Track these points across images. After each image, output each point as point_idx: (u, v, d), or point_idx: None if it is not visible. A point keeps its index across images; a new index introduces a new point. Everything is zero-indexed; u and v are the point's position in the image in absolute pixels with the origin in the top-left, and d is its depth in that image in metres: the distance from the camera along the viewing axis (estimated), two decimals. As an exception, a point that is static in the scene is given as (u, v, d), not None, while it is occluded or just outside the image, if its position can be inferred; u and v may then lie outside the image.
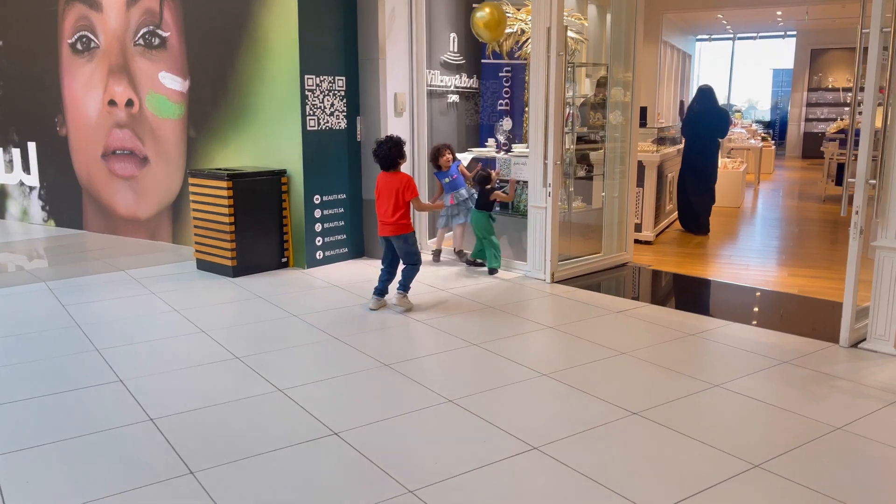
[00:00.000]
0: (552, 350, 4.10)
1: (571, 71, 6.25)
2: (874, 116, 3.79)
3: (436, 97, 6.72)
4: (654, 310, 4.84)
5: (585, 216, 6.38)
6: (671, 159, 7.83)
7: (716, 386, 3.46)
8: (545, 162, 5.39)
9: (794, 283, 5.56)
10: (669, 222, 8.07)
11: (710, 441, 2.88)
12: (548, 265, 5.51)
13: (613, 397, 3.31)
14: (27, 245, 7.12)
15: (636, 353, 3.93)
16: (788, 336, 4.19)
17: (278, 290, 5.25)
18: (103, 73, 7.11)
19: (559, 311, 4.87)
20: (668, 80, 15.71)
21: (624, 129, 6.25)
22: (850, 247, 3.94)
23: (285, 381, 3.50)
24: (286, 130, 5.83)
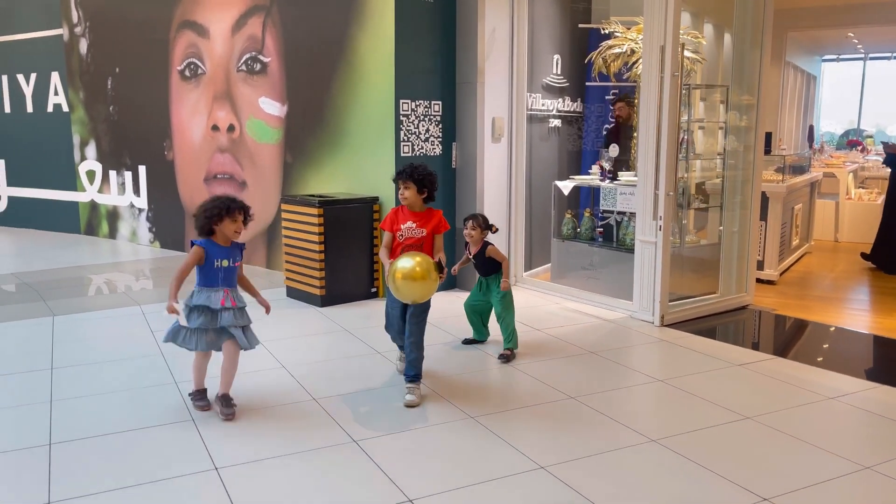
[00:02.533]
0: (663, 409, 3.59)
1: (686, 93, 5.72)
2: None
3: (536, 122, 6.36)
4: (780, 364, 4.22)
5: (700, 251, 5.79)
6: (798, 190, 7.08)
7: (865, 468, 2.86)
8: (656, 192, 4.90)
9: (955, 338, 4.75)
10: (795, 259, 7.28)
11: (865, 546, 2.32)
12: (657, 306, 4.98)
13: (738, 476, 2.78)
14: (129, 266, 7.29)
15: (763, 418, 3.36)
16: (955, 407, 3.48)
17: (365, 322, 5.00)
18: (208, 98, 7.23)
19: (670, 360, 4.34)
20: (790, 104, 14.62)
21: (745, 157, 5.64)
22: None
23: (359, 431, 3.20)
24: (379, 156, 5.63)
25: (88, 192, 8.87)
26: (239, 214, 3.26)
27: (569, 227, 6.09)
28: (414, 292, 3.36)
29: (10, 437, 3.14)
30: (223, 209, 3.21)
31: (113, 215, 8.69)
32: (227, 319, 3.27)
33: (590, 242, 5.94)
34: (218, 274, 3.27)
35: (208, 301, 3.24)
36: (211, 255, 3.24)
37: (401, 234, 3.61)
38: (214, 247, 3.27)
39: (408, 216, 3.62)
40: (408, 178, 3.57)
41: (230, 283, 3.32)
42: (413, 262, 3.33)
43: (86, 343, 4.55)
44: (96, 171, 8.71)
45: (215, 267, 3.25)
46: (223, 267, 3.28)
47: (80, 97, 8.71)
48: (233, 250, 3.33)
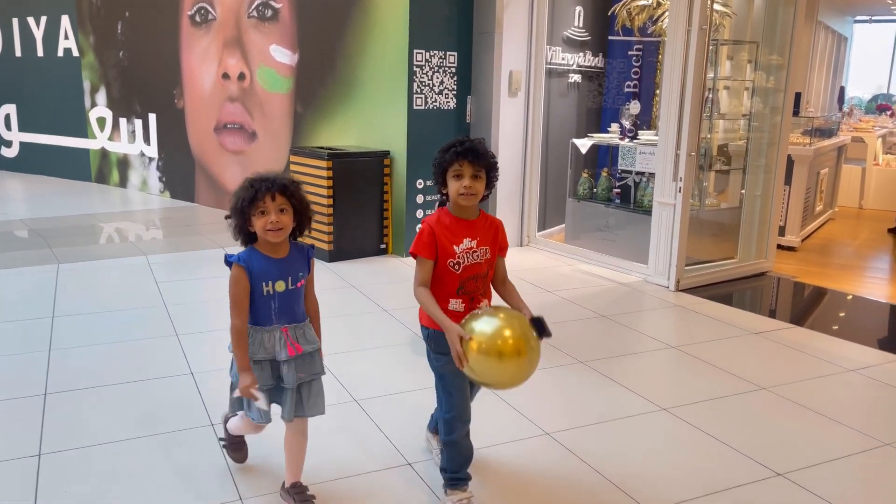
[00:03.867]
0: (675, 377, 3.48)
1: (714, 49, 5.46)
2: None
3: (555, 77, 6.13)
4: (799, 333, 4.08)
5: (720, 215, 5.61)
6: (825, 154, 6.83)
7: (888, 444, 2.74)
8: (677, 152, 4.70)
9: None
10: (818, 226, 7.07)
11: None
12: (673, 270, 4.84)
13: (752, 450, 2.68)
14: (138, 216, 7.22)
15: (780, 389, 3.25)
16: (982, 383, 3.34)
17: (373, 279, 4.90)
18: (219, 45, 7.03)
19: (685, 326, 4.22)
20: (819, 66, 14.14)
21: (771, 118, 5.41)
22: None
23: (360, 390, 3.12)
24: (392, 109, 5.46)
25: (99, 140, 8.76)
26: (268, 199, 2.03)
27: (585, 186, 5.92)
28: (503, 375, 2.06)
29: (6, 386, 3.09)
30: (245, 199, 2.04)
31: (123, 163, 8.59)
32: (286, 378, 2.13)
33: (606, 203, 5.77)
34: (270, 304, 2.10)
35: (262, 349, 2.11)
36: (255, 275, 2.08)
37: (456, 263, 2.15)
38: (258, 261, 2.09)
39: (461, 229, 2.17)
40: (480, 161, 2.13)
41: (292, 316, 2.14)
42: (498, 323, 2.03)
43: (89, 292, 4.49)
44: (106, 119, 8.58)
45: (264, 294, 2.09)
46: (277, 293, 2.10)
47: (90, 42, 8.53)
48: (290, 262, 2.13)
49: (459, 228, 2.16)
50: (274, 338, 2.12)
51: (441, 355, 2.17)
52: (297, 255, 2.17)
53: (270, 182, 2.06)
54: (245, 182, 2.10)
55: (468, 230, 2.17)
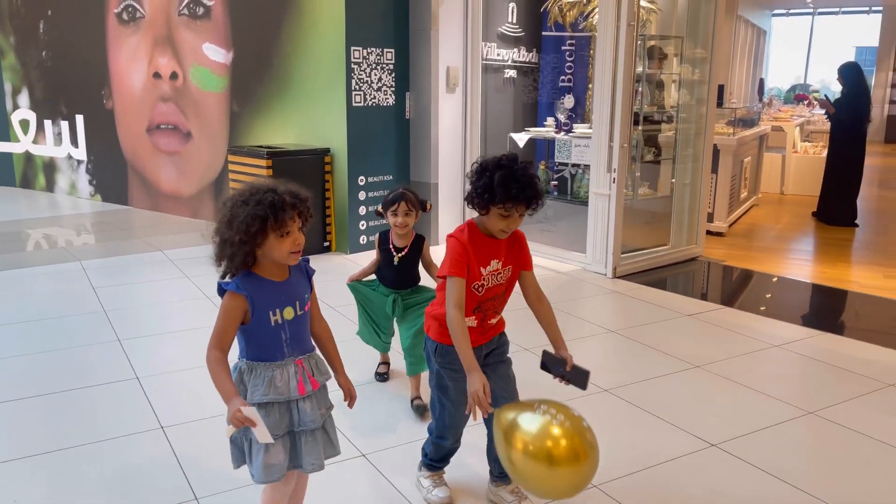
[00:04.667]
0: (614, 359, 3.64)
1: (642, 44, 5.67)
2: None
3: (491, 72, 6.24)
4: (728, 313, 4.31)
5: (652, 204, 5.83)
6: (748, 143, 7.17)
7: (810, 413, 2.95)
8: (610, 144, 4.88)
9: (891, 287, 4.92)
10: (743, 211, 7.42)
11: (802, 485, 2.39)
12: (609, 258, 5.02)
13: (687, 423, 2.84)
14: (69, 221, 6.99)
15: (711, 366, 3.44)
16: (892, 352, 3.61)
17: (317, 277, 4.89)
18: (148, 44, 6.87)
19: (622, 311, 4.39)
20: (741, 58, 14.76)
21: (697, 109, 5.66)
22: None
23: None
24: (331, 106, 5.46)
25: (23, 143, 8.42)
26: (296, 216, 1.76)
27: (523, 179, 6.04)
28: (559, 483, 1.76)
29: (-58, 399, 2.99)
30: (267, 213, 1.70)
31: (50, 167, 8.28)
32: (309, 416, 1.84)
33: (545, 195, 5.91)
34: (280, 335, 1.81)
35: (272, 388, 1.80)
36: (260, 304, 1.78)
37: (480, 286, 2.07)
38: (262, 287, 1.79)
39: (489, 250, 2.05)
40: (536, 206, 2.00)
41: (304, 346, 1.87)
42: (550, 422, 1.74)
43: (23, 300, 4.36)
44: (30, 121, 8.26)
45: (272, 324, 1.80)
46: (287, 321, 1.82)
47: (10, 42, 8.19)
48: (296, 283, 1.85)
49: (488, 249, 2.04)
50: (288, 373, 1.81)
51: (453, 372, 2.09)
52: (298, 274, 1.86)
53: (294, 198, 1.76)
54: (251, 197, 1.72)
55: (496, 251, 2.06)
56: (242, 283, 1.76)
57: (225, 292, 1.77)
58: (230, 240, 1.72)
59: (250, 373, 1.82)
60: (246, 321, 1.77)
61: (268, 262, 1.78)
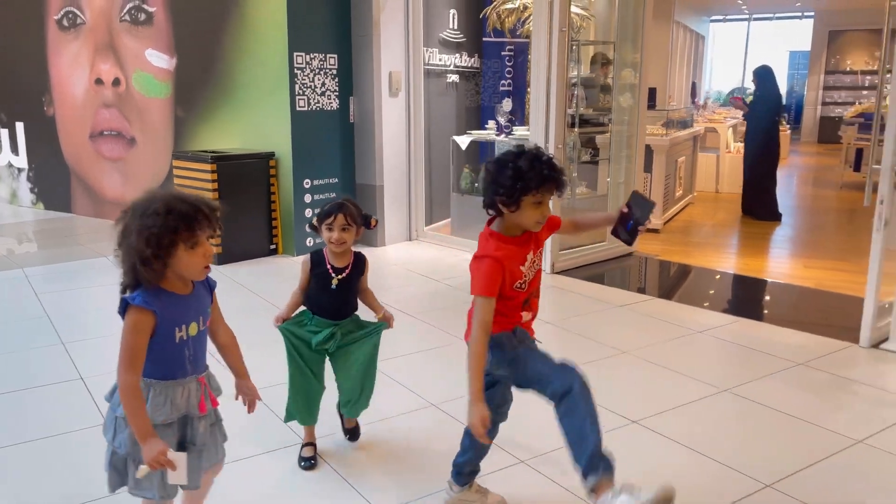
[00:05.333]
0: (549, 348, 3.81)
1: (576, 50, 5.92)
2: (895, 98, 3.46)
3: (434, 77, 6.40)
4: (660, 304, 4.55)
5: (590, 203, 6.07)
6: (681, 143, 7.49)
7: (724, 391, 3.18)
8: (546, 146, 5.08)
9: (811, 276, 5.25)
10: (679, 209, 7.74)
11: (715, 456, 2.60)
12: (548, 255, 5.22)
13: (612, 403, 3.03)
14: (10, 229, 6.89)
15: (639, 352, 3.65)
16: (804, 335, 3.89)
17: (264, 279, 4.98)
18: (90, 50, 6.83)
19: (559, 304, 4.59)
20: (680, 62, 15.28)
21: (632, 112, 5.92)
22: (873, 239, 3.63)
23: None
24: (275, 111, 5.54)
25: (-40, 152, 8.25)
26: (206, 226, 1.68)
27: (467, 181, 6.23)
28: None
29: None
30: (178, 223, 1.62)
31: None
32: (201, 436, 1.78)
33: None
34: (184, 352, 1.74)
35: (171, 407, 1.72)
36: (166, 319, 1.68)
37: (522, 282, 2.01)
38: (170, 302, 1.70)
39: (521, 247, 1.98)
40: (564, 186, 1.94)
41: (204, 363, 1.82)
42: None
43: (-37, 308, 4.33)
44: (-33, 129, 8.10)
45: (177, 341, 1.71)
46: (191, 337, 1.74)
47: (-57, 48, 8.02)
48: (200, 297, 1.78)
49: (519, 247, 1.96)
50: (189, 391, 1.74)
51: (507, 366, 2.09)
52: (201, 287, 1.79)
53: (207, 207, 1.67)
54: (152, 207, 1.62)
55: (526, 244, 1.98)
56: (148, 298, 1.65)
57: (128, 308, 1.65)
58: (140, 253, 1.61)
59: (148, 390, 1.69)
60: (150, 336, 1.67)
61: (173, 275, 1.69)
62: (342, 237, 2.42)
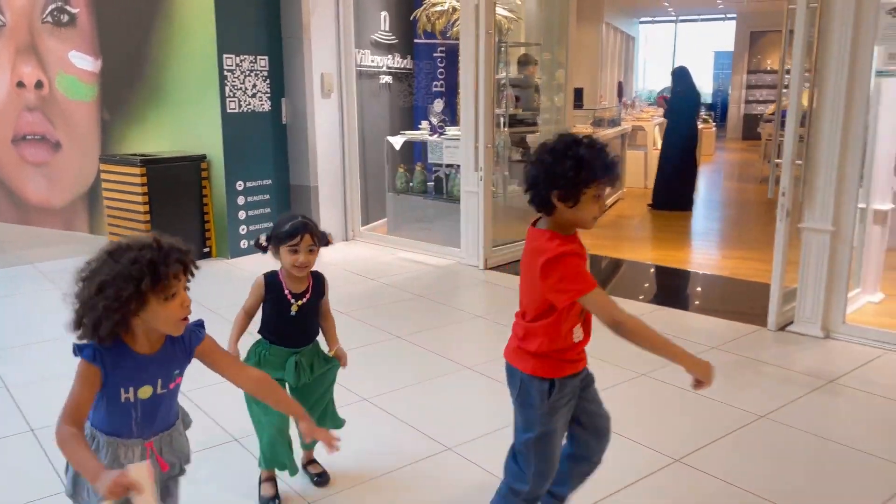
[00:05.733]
0: (479, 341, 3.95)
1: (505, 51, 6.08)
2: (800, 97, 3.72)
3: (367, 78, 6.47)
4: (586, 295, 4.73)
5: (522, 200, 6.22)
6: (609, 141, 7.75)
7: (642, 375, 3.36)
8: (476, 145, 5.22)
9: (727, 266, 5.54)
10: (609, 205, 8.00)
11: (633, 436, 2.76)
12: (481, 251, 5.36)
13: (536, 390, 3.17)
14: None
15: (564, 341, 3.80)
16: (717, 320, 4.13)
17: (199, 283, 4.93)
18: (10, 52, 6.63)
19: (491, 298, 4.73)
20: (611, 63, 15.72)
21: (560, 112, 6.12)
22: (777, 228, 3.89)
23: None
24: (205, 113, 5.51)
25: None
26: (181, 275, 1.54)
27: (402, 181, 6.32)
28: None
29: None
30: (144, 272, 1.46)
31: None
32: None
33: (423, 195, 6.21)
34: (130, 412, 1.58)
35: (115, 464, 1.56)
36: (112, 379, 1.54)
37: None
38: (121, 361, 1.54)
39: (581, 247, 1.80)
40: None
41: (158, 424, 1.64)
42: None
43: None
44: None
45: (122, 401, 1.56)
46: (140, 400, 1.58)
47: None
48: (166, 358, 1.60)
49: (581, 247, 1.78)
50: (134, 454, 1.58)
51: (563, 406, 1.88)
52: (175, 345, 1.59)
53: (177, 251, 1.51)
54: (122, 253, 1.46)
55: (581, 244, 1.79)
56: (98, 353, 1.50)
57: (80, 356, 1.52)
58: (93, 306, 1.45)
59: (93, 440, 1.57)
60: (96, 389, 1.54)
61: (142, 328, 1.52)
62: (308, 261, 2.17)
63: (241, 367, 1.75)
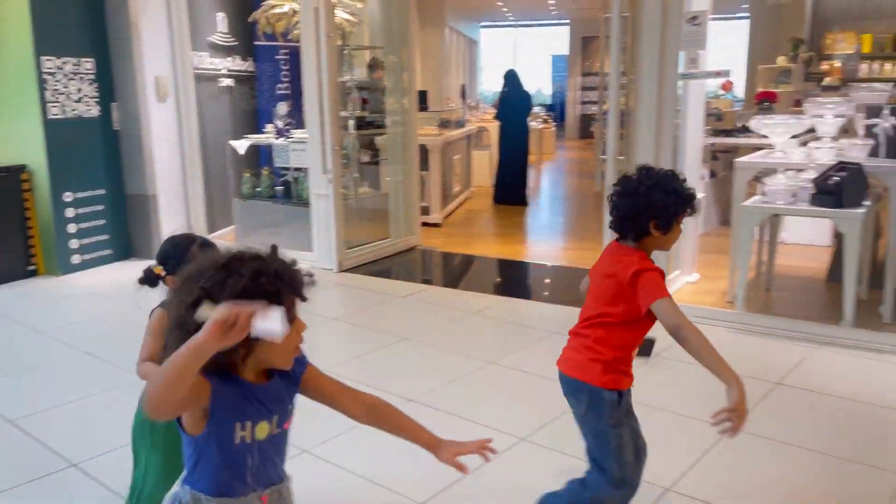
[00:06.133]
0: (335, 342, 3.96)
1: (348, 54, 6.10)
2: (618, 98, 4.07)
3: (206, 81, 6.24)
4: (439, 292, 4.89)
5: (373, 202, 6.30)
6: (455, 142, 8.00)
7: (491, 363, 3.53)
8: (323, 148, 5.21)
9: (566, 256, 5.92)
10: (458, 204, 8.26)
11: (481, 420, 2.91)
12: (335, 254, 5.35)
13: (391, 386, 3.23)
14: None
15: (420, 337, 3.91)
16: (558, 307, 4.41)
17: (22, 302, 4.56)
18: None
19: (346, 300, 4.75)
20: (456, 66, 16.17)
21: (405, 114, 6.24)
22: (604, 218, 4.21)
23: (15, 411, 3.01)
24: (23, 120, 5.08)
25: None
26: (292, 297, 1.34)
27: (248, 186, 6.16)
28: None
29: None
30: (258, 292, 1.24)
31: None
32: None
33: (271, 200, 6.09)
34: (245, 460, 1.32)
35: None
36: (225, 411, 1.27)
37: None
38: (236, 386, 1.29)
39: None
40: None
41: (274, 474, 1.40)
42: None
43: None
44: None
45: (237, 443, 1.30)
46: (258, 441, 1.33)
47: None
48: (279, 388, 1.37)
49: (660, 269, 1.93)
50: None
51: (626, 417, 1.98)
52: (280, 380, 1.37)
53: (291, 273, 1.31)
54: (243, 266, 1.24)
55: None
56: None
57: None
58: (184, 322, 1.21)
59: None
60: (196, 431, 1.25)
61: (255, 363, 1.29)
62: None
63: (353, 393, 1.49)
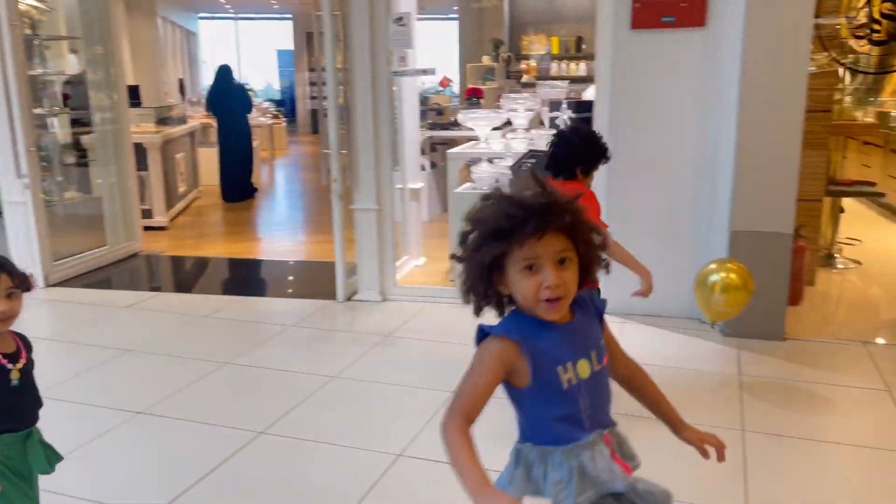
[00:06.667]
0: (48, 363, 3.53)
1: (40, 45, 5.47)
2: (336, 93, 4.23)
3: None
4: (166, 298, 4.65)
5: (85, 207, 5.75)
6: (178, 139, 7.58)
7: (226, 364, 3.47)
8: (15, 149, 4.63)
9: (300, 250, 5.99)
10: (186, 205, 7.85)
11: (218, 421, 2.87)
12: (39, 267, 4.79)
13: (116, 401, 3.05)
14: None
15: (145, 346, 3.71)
16: (294, 301, 4.48)
17: None
18: None
19: (57, 317, 4.32)
20: (174, 58, 15.22)
21: (115, 109, 5.77)
22: (333, 211, 4.37)
23: None
24: None
25: None
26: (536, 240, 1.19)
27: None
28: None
29: None
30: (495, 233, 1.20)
31: None
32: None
33: None
34: (576, 401, 1.26)
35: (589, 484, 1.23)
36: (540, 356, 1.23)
37: None
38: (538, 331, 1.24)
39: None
40: None
41: (604, 415, 1.33)
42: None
43: None
44: None
45: (565, 387, 1.24)
46: (582, 380, 1.26)
47: None
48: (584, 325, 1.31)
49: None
50: (603, 455, 1.25)
51: None
52: (584, 312, 1.31)
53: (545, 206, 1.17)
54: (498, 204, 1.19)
55: None
56: (511, 325, 1.24)
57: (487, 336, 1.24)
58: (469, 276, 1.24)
59: (543, 464, 1.25)
60: (521, 383, 1.23)
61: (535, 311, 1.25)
62: (13, 308, 1.59)
63: (621, 349, 1.42)
